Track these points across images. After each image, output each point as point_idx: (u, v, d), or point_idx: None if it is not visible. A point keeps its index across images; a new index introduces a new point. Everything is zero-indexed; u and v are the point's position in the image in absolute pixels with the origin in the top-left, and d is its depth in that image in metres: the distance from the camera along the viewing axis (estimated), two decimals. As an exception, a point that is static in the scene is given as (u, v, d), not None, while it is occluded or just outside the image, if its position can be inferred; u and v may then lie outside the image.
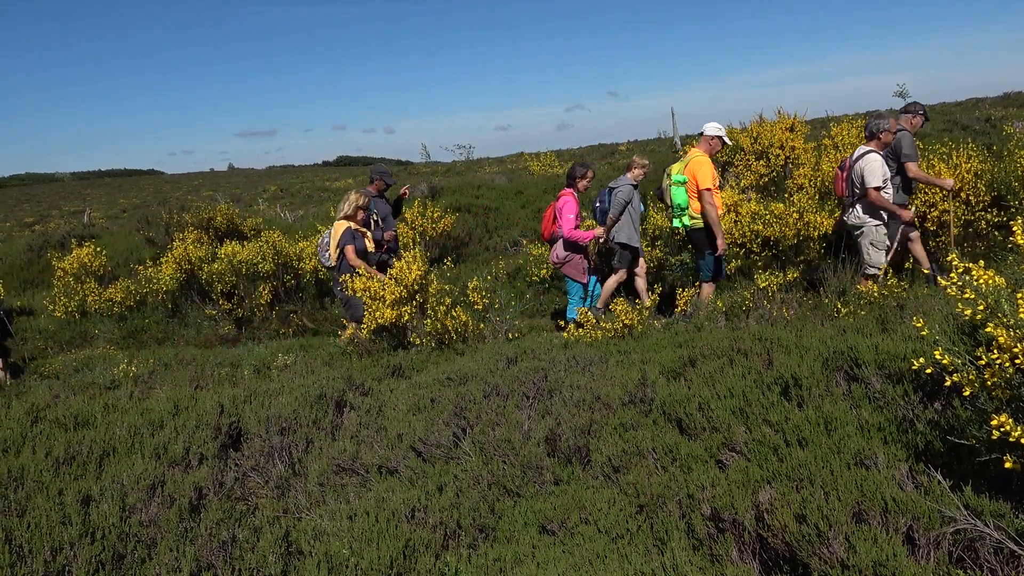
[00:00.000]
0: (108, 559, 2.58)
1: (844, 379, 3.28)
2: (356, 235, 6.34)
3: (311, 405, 3.99)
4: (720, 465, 2.90)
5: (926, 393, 2.90)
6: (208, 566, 2.57)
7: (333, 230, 6.43)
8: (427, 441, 3.42)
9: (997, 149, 8.05)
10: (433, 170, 31.67)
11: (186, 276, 8.87)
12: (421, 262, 5.87)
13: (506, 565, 2.45)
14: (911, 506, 2.20)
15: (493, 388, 3.86)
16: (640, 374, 3.80)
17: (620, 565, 2.34)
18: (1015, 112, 18.29)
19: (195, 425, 3.79)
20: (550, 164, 19.81)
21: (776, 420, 2.97)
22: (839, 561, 2.09)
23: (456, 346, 5.49)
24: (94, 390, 5.44)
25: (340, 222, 6.37)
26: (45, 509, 2.84)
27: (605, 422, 3.37)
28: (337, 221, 6.42)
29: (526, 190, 13.96)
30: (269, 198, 27.63)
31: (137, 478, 3.15)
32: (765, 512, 2.35)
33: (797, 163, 9.30)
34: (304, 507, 3.15)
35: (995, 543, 2.05)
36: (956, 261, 2.45)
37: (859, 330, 3.99)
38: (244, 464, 3.50)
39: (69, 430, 3.98)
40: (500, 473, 3.02)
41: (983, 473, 2.32)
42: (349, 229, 6.31)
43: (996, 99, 25.82)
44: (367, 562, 2.44)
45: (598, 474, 3.03)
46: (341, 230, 6.32)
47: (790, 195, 7.86)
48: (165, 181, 53.38)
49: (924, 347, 3.11)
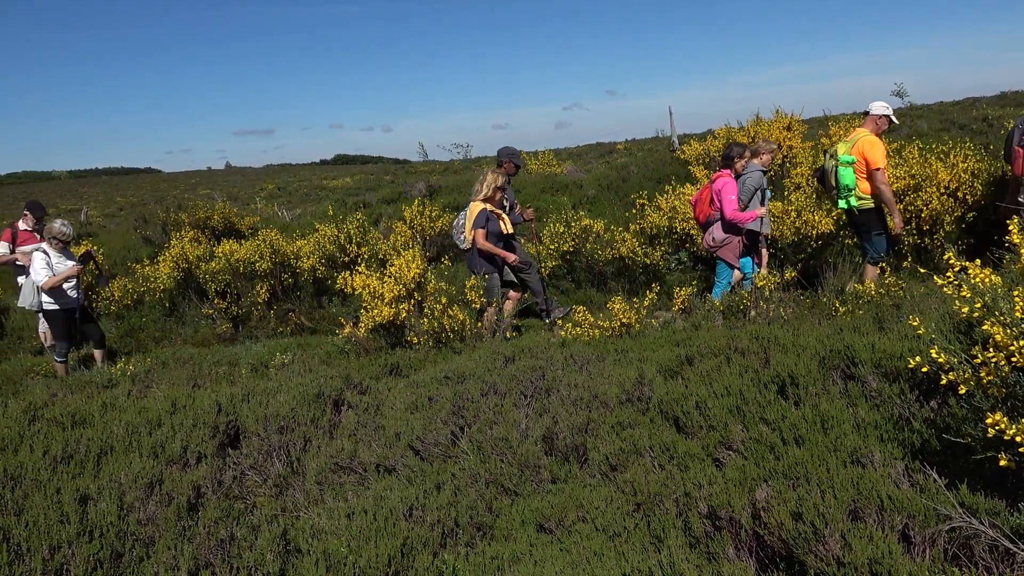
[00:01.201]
0: (106, 558, 2.58)
1: (841, 378, 3.29)
2: (491, 217, 6.13)
3: (309, 404, 3.99)
4: (717, 463, 2.91)
5: (922, 392, 2.92)
6: (206, 564, 2.57)
7: (468, 211, 6.17)
8: (425, 440, 3.42)
9: (994, 148, 8.06)
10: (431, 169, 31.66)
11: (183, 275, 8.85)
12: (420, 261, 5.88)
13: (504, 563, 2.45)
14: (907, 504, 2.21)
15: (491, 387, 3.86)
16: (637, 373, 3.81)
17: (617, 563, 2.35)
18: (1012, 112, 18.32)
19: (193, 424, 3.79)
20: (548, 163, 19.79)
21: (773, 419, 2.98)
22: (835, 559, 2.10)
23: (454, 345, 5.49)
24: (92, 389, 5.43)
25: (476, 203, 6.12)
26: (43, 508, 2.84)
27: (602, 421, 3.38)
28: (473, 203, 6.16)
29: (524, 189, 13.96)
30: (266, 197, 27.59)
31: (135, 477, 3.15)
32: (762, 510, 2.36)
33: (794, 162, 9.31)
34: (302, 505, 3.15)
35: (990, 541, 2.06)
36: (953, 259, 2.46)
37: (856, 329, 4.00)
38: (242, 463, 3.50)
39: (67, 428, 3.97)
40: (498, 472, 3.03)
41: (978, 471, 2.33)
42: (484, 211, 6.08)
43: (993, 98, 25.87)
44: (365, 560, 2.44)
45: (595, 472, 3.04)
46: (477, 211, 6.07)
47: (787, 194, 7.88)
48: (162, 180, 53.30)
49: (920, 346, 3.12)
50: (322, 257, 8.55)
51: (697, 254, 7.75)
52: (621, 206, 11.14)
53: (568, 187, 13.83)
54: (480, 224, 6.09)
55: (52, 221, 6.66)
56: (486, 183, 6.20)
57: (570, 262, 8.04)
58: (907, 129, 16.22)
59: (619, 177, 13.78)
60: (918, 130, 16.14)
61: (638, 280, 7.67)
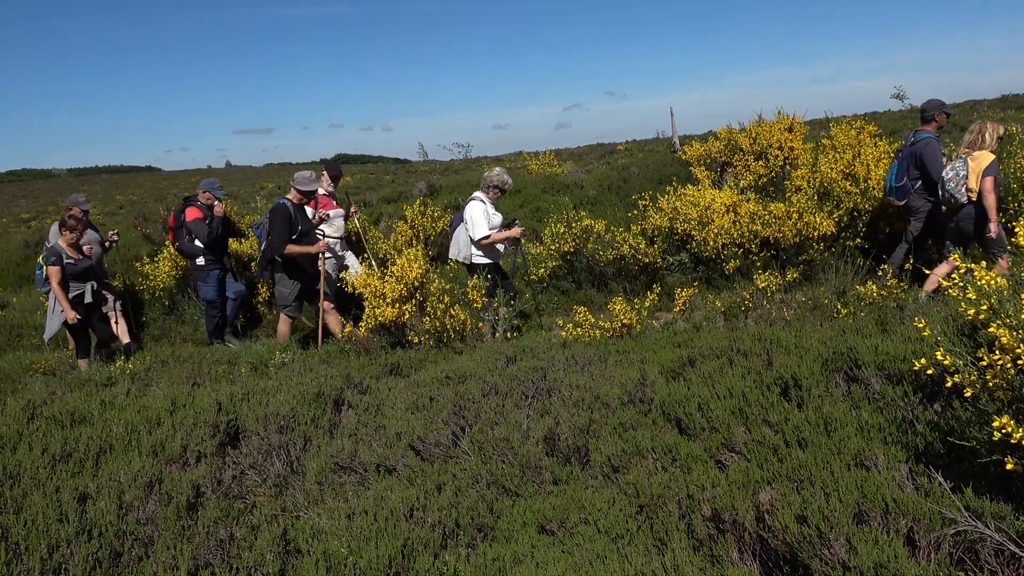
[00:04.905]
0: (105, 557, 2.57)
1: (844, 380, 3.27)
2: None
3: (309, 403, 3.97)
4: (720, 465, 2.89)
5: (926, 394, 2.90)
6: (205, 564, 2.56)
7: (977, 161, 5.57)
8: (426, 440, 3.41)
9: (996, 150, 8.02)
10: (431, 169, 31.65)
11: (183, 273, 8.82)
12: (422, 261, 5.87)
13: (505, 565, 2.44)
14: (911, 507, 2.20)
15: (492, 387, 3.85)
16: (639, 374, 3.79)
17: (620, 565, 2.33)
18: (1013, 114, 18.32)
19: (193, 423, 3.77)
20: (549, 163, 19.78)
21: (776, 421, 2.97)
22: (840, 562, 2.08)
23: (455, 345, 5.48)
24: (91, 387, 5.41)
25: (986, 153, 5.56)
26: (42, 506, 2.83)
27: (604, 422, 3.36)
28: (984, 152, 5.57)
29: (524, 189, 13.95)
30: (267, 196, 27.55)
31: (134, 475, 3.14)
32: (765, 513, 2.34)
33: (796, 164, 9.29)
34: (302, 506, 3.14)
35: (996, 545, 2.04)
36: (959, 262, 2.45)
37: (859, 331, 3.99)
38: (242, 462, 3.48)
39: (66, 427, 3.96)
40: (499, 472, 3.01)
41: (984, 475, 2.32)
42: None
43: (994, 101, 25.90)
44: (365, 561, 2.43)
45: (597, 474, 3.02)
46: (988, 161, 5.51)
47: (789, 196, 7.87)
48: (162, 178, 53.28)
49: (924, 348, 3.10)
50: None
51: (698, 255, 7.73)
52: (622, 206, 11.12)
53: (569, 187, 13.82)
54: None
55: (491, 169, 6.55)
56: (989, 132, 5.71)
57: (571, 262, 8.02)
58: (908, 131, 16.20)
59: (620, 178, 13.77)
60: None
61: (639, 281, 7.65)
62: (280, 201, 6.54)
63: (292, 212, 6.45)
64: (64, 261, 6.36)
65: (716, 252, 7.38)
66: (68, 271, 6.40)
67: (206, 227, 7.34)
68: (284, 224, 6.37)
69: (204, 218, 7.39)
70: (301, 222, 6.51)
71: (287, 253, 6.38)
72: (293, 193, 6.60)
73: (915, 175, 6.24)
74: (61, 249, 6.41)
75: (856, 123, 8.55)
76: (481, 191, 6.48)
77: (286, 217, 6.39)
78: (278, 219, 6.38)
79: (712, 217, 7.51)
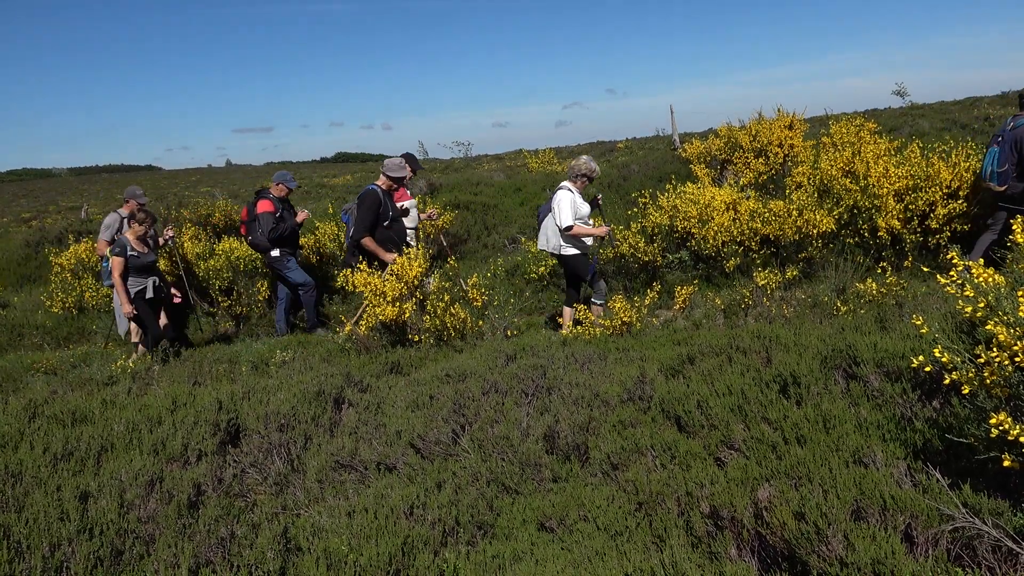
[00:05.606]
0: (106, 555, 2.58)
1: (843, 377, 3.28)
2: None
3: (310, 402, 3.98)
4: (719, 463, 2.90)
5: (924, 391, 2.91)
6: (206, 562, 2.57)
7: None
8: (426, 438, 3.41)
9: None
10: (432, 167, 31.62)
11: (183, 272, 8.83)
12: (423, 260, 5.87)
13: (505, 562, 2.45)
14: (909, 504, 2.20)
15: (492, 385, 3.85)
16: (639, 371, 3.80)
17: (619, 562, 2.34)
18: (1013, 111, 18.28)
19: (193, 421, 3.78)
20: (549, 161, 19.78)
21: (775, 418, 2.98)
22: (838, 559, 2.09)
23: (455, 343, 5.49)
24: (92, 386, 5.43)
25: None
26: (43, 505, 2.84)
27: (604, 419, 3.37)
28: None
29: (525, 187, 13.95)
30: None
31: (135, 474, 3.15)
32: (764, 510, 2.35)
33: (796, 161, 9.30)
34: (303, 504, 3.15)
35: (993, 541, 2.05)
36: (956, 259, 2.45)
37: (858, 328, 4.00)
38: (243, 460, 3.49)
39: (67, 426, 3.97)
40: (499, 470, 3.02)
41: (981, 471, 2.32)
42: None
43: (994, 98, 25.82)
44: (366, 559, 2.44)
45: (597, 471, 3.03)
46: None
47: (789, 193, 7.87)
48: (163, 177, 53.25)
49: (922, 345, 3.11)
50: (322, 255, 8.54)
51: (698, 253, 7.74)
52: (622, 204, 11.12)
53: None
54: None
55: (578, 157, 6.39)
56: None
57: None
58: (908, 128, 16.20)
59: (620, 176, 13.76)
60: (919, 129, 16.12)
61: (639, 278, 7.66)
62: (369, 187, 6.50)
63: (382, 198, 6.41)
64: (128, 253, 6.36)
65: (716, 250, 7.39)
66: (131, 263, 6.39)
67: (272, 220, 7.28)
68: (370, 211, 6.32)
69: (275, 211, 7.36)
70: (391, 208, 6.49)
71: (364, 244, 6.32)
72: (383, 179, 6.57)
73: (1014, 159, 6.06)
74: (127, 241, 6.41)
75: (856, 120, 8.55)
76: (568, 180, 6.21)
77: (374, 203, 6.34)
78: (365, 205, 6.34)
79: (712, 215, 7.52)
